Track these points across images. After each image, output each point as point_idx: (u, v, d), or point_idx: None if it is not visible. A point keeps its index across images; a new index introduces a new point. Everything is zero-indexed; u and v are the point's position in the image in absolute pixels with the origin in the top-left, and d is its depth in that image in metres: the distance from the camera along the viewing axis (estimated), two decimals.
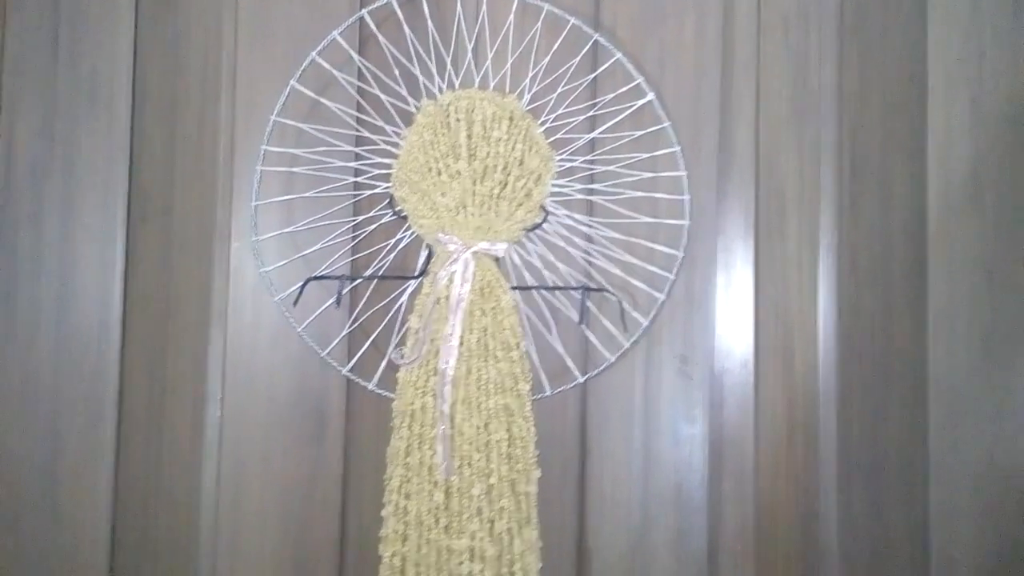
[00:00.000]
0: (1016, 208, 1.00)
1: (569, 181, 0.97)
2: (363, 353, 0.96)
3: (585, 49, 0.97)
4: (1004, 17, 1.01)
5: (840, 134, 0.99)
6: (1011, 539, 0.99)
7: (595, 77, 0.97)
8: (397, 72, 0.96)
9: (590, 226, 0.97)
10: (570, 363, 0.96)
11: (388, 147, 0.96)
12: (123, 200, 0.98)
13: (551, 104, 0.96)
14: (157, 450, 0.97)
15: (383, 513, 0.90)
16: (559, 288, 0.96)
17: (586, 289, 0.95)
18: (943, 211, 1.00)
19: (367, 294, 0.97)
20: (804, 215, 0.99)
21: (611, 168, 0.97)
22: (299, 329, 0.95)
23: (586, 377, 0.97)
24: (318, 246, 0.97)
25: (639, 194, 0.97)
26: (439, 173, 0.92)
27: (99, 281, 0.97)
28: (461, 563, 0.88)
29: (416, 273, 0.96)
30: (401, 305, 0.97)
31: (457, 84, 0.97)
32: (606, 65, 0.97)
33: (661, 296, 0.96)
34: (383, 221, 0.97)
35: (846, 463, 0.98)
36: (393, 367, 0.94)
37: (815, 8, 1.00)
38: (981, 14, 1.01)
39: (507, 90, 0.96)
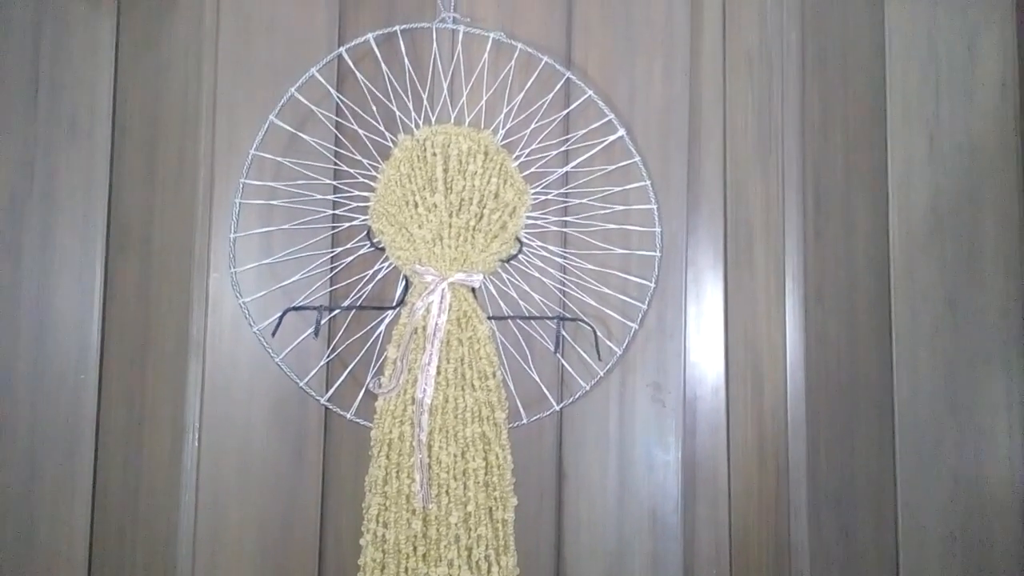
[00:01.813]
0: (974, 239, 1.04)
1: (543, 214, 0.99)
2: (341, 383, 0.97)
3: (558, 87, 0.99)
4: (959, 56, 1.06)
5: (803, 168, 1.03)
6: (976, 562, 1.01)
7: (567, 113, 1.00)
8: (374, 108, 0.98)
9: (564, 257, 0.99)
10: (546, 391, 0.98)
11: (366, 180, 0.98)
12: (102, 230, 0.98)
13: (525, 139, 0.99)
14: (135, 480, 0.96)
15: (361, 542, 0.90)
16: (535, 318, 0.98)
17: (561, 319, 0.97)
18: (905, 242, 1.04)
19: (345, 324, 0.98)
20: (771, 246, 1.02)
21: (584, 201, 0.99)
22: (277, 359, 0.96)
23: (562, 405, 0.98)
24: (296, 277, 0.98)
25: (612, 226, 0.99)
26: (416, 206, 0.94)
27: (77, 311, 0.97)
28: None
29: (394, 303, 0.97)
30: (379, 335, 0.98)
31: (433, 119, 0.99)
32: (578, 102, 0.99)
33: (634, 325, 0.98)
34: (361, 252, 0.98)
35: (816, 488, 0.99)
36: (371, 396, 0.95)
37: (777, 47, 1.03)
38: (937, 53, 1.06)
39: (482, 125, 0.99)
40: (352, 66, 0.98)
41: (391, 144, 0.98)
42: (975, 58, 1.06)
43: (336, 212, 0.98)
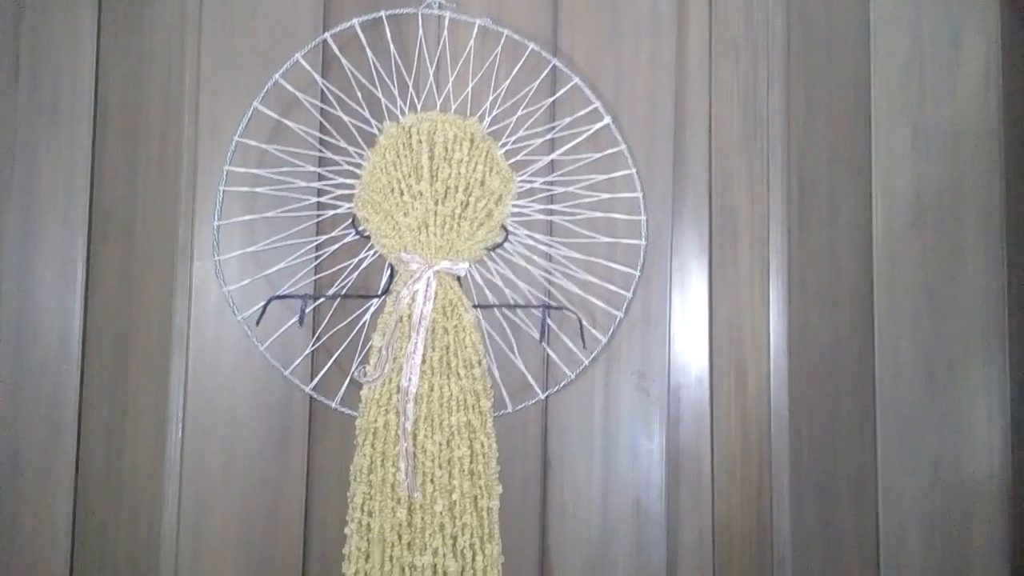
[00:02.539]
0: (957, 229, 1.05)
1: (529, 202, 0.99)
2: (326, 372, 0.97)
3: (544, 74, 0.99)
4: (943, 48, 1.06)
5: (788, 157, 1.03)
6: (955, 549, 1.02)
7: (554, 101, 1.00)
8: (360, 94, 0.98)
9: (550, 245, 0.99)
10: (531, 380, 0.98)
11: (351, 168, 0.97)
12: (84, 218, 0.97)
13: (511, 127, 0.98)
14: (117, 471, 0.96)
15: (346, 531, 0.90)
16: (520, 306, 0.98)
17: (546, 307, 0.97)
18: (888, 233, 1.04)
19: (330, 313, 0.98)
20: (755, 235, 1.02)
21: (570, 189, 0.99)
22: (262, 348, 0.95)
23: (547, 394, 0.98)
24: (281, 265, 0.97)
25: (597, 214, 0.99)
26: (401, 193, 0.93)
27: (59, 299, 0.97)
28: None
29: (379, 292, 0.97)
30: (364, 324, 0.98)
31: (419, 106, 0.98)
32: (564, 89, 0.99)
33: (619, 314, 0.98)
34: (346, 241, 0.98)
35: (798, 477, 1.00)
36: (356, 385, 0.95)
37: (763, 35, 1.03)
38: (922, 44, 1.06)
39: (468, 113, 0.98)
40: (337, 52, 0.98)
41: (376, 131, 0.97)
42: (959, 49, 1.06)
43: (321, 200, 0.98)
